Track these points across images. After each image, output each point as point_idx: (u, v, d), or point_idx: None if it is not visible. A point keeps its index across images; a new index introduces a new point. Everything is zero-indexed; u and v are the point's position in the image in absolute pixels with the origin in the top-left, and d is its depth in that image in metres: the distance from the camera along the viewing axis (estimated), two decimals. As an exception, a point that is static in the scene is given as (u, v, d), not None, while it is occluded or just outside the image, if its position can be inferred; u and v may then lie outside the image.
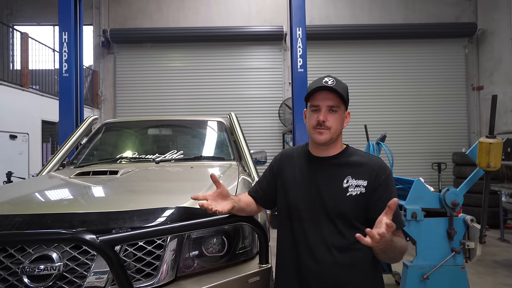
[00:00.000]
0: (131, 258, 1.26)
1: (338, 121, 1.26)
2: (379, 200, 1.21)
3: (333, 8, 8.98)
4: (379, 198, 1.21)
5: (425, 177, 7.62)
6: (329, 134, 1.25)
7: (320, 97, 1.26)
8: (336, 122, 1.26)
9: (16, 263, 1.20)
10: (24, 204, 1.55)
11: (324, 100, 1.25)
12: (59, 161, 2.66)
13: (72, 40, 4.37)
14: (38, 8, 9.09)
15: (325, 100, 1.25)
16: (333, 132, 1.26)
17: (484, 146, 2.23)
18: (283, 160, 1.43)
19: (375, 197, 1.22)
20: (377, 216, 1.18)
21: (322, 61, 8.75)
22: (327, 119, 1.24)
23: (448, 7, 8.93)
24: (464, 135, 8.90)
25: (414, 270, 2.35)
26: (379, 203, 1.20)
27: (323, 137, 1.25)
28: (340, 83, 1.27)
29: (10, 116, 6.22)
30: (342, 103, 1.26)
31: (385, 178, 1.24)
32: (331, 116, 1.25)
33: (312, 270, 1.24)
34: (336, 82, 1.25)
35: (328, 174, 1.28)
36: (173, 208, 1.39)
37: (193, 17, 8.96)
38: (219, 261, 1.41)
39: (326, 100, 1.25)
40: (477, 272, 3.98)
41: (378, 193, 1.22)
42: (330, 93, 1.24)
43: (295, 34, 4.29)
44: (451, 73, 8.90)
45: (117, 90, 9.05)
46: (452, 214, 2.37)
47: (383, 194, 1.21)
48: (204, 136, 3.14)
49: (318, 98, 1.26)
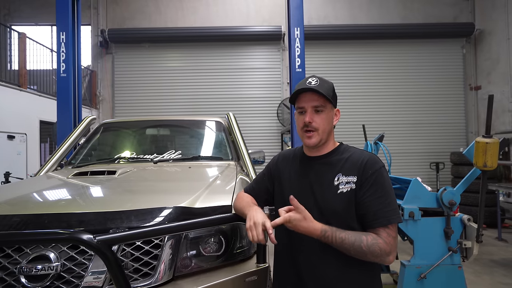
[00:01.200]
0: (128, 258, 1.26)
1: (325, 121, 1.27)
2: (364, 195, 1.19)
3: (331, 8, 8.99)
4: (364, 194, 1.19)
5: (423, 177, 7.64)
6: (318, 136, 1.26)
7: (305, 99, 1.27)
8: (323, 122, 1.26)
9: (13, 263, 1.21)
10: (22, 204, 1.55)
11: (308, 101, 1.26)
12: (57, 161, 2.66)
13: (70, 40, 4.37)
14: (36, 8, 9.07)
15: (309, 101, 1.26)
16: (321, 133, 1.26)
17: (481, 145, 2.24)
18: (280, 162, 1.45)
19: (361, 192, 1.20)
20: (363, 212, 1.18)
21: (320, 61, 8.76)
22: (313, 119, 1.25)
23: (446, 7, 8.96)
24: (462, 135, 8.92)
25: (412, 269, 2.36)
26: (364, 198, 1.19)
27: (312, 140, 1.26)
28: (324, 82, 1.27)
29: (8, 116, 6.21)
30: (327, 102, 1.27)
31: (372, 172, 1.20)
32: (317, 117, 1.26)
33: (307, 270, 1.25)
34: (320, 82, 1.26)
35: (320, 173, 1.29)
36: (170, 208, 1.39)
37: (192, 17, 8.96)
38: (217, 260, 1.42)
39: (310, 101, 1.26)
40: (474, 271, 4.00)
41: (364, 187, 1.20)
42: (314, 94, 1.25)
43: (293, 34, 4.30)
44: (449, 73, 8.93)
45: (115, 90, 9.04)
46: (449, 214, 2.38)
47: (369, 189, 1.19)
48: (202, 136, 3.14)
49: (303, 100, 1.28)
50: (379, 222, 1.16)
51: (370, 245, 1.12)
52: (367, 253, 1.12)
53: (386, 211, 1.17)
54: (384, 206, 1.17)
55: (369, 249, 1.11)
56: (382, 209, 1.17)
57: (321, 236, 1.12)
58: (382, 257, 1.13)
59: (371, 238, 1.13)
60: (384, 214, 1.16)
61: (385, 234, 1.15)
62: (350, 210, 1.21)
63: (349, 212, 1.21)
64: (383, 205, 1.17)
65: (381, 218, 1.16)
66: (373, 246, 1.12)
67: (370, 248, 1.11)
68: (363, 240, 1.12)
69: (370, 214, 1.18)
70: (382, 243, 1.13)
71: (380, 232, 1.15)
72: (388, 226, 1.16)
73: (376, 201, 1.18)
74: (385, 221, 1.16)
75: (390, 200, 1.19)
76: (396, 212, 1.18)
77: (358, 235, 1.13)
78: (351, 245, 1.11)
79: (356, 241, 1.12)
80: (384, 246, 1.13)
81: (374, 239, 1.13)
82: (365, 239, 1.12)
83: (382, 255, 1.12)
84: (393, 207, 1.19)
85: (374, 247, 1.12)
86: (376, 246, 1.12)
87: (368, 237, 1.13)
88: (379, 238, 1.13)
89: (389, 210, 1.17)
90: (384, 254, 1.13)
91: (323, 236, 1.12)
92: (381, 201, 1.18)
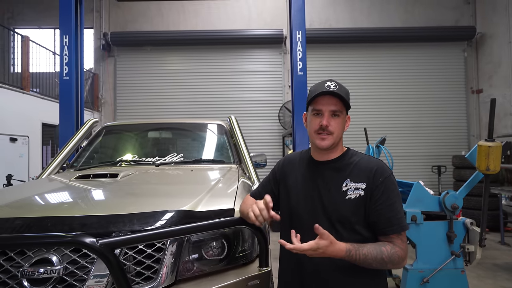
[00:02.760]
0: (131, 261, 1.26)
1: (340, 125, 1.27)
2: (376, 203, 1.20)
3: (332, 12, 9.02)
4: (376, 201, 1.20)
5: (425, 180, 7.60)
6: (332, 139, 1.26)
7: (323, 102, 1.25)
8: (338, 127, 1.26)
9: (16, 266, 1.20)
10: (24, 207, 1.55)
11: (327, 105, 1.25)
12: (59, 164, 2.66)
13: (73, 43, 4.39)
14: (39, 12, 9.13)
15: (328, 104, 1.25)
16: (335, 137, 1.26)
17: (483, 149, 2.23)
18: (286, 166, 1.44)
19: (373, 199, 1.20)
20: (375, 219, 1.18)
21: (321, 64, 8.78)
22: (330, 123, 1.25)
23: (447, 11, 8.97)
24: (463, 138, 8.91)
25: (414, 273, 2.35)
26: (376, 206, 1.19)
27: (325, 142, 1.26)
28: (342, 87, 1.27)
29: (10, 119, 6.23)
30: (344, 108, 1.27)
31: (382, 180, 1.21)
32: (333, 121, 1.25)
33: (312, 274, 1.24)
34: (339, 87, 1.25)
35: (328, 178, 1.28)
36: (173, 211, 1.39)
37: (193, 20, 9.00)
38: (219, 264, 1.41)
39: (329, 104, 1.25)
40: (477, 276, 3.97)
41: (375, 195, 1.20)
42: (333, 98, 1.24)
43: (294, 37, 4.31)
44: (451, 76, 8.93)
45: (117, 93, 9.07)
46: (451, 217, 2.38)
47: (381, 197, 1.20)
48: (204, 139, 3.14)
49: (321, 103, 1.26)
50: (394, 229, 1.17)
51: (391, 255, 1.14)
52: (388, 263, 1.14)
53: (398, 218, 1.19)
54: (396, 213, 1.19)
55: (389, 259, 1.14)
56: (395, 216, 1.18)
57: (345, 256, 1.12)
58: (399, 264, 1.16)
59: (389, 247, 1.15)
60: (397, 221, 1.18)
61: (399, 241, 1.17)
62: (357, 216, 1.21)
63: (356, 218, 1.21)
64: (395, 212, 1.19)
65: (395, 225, 1.17)
66: (393, 255, 1.14)
67: (390, 258, 1.14)
68: (384, 251, 1.14)
69: (383, 221, 1.19)
70: (399, 250, 1.15)
71: (394, 239, 1.17)
72: (401, 232, 1.18)
73: (388, 208, 1.19)
74: (399, 228, 1.18)
75: (399, 207, 1.22)
76: (404, 219, 1.21)
77: (378, 248, 1.14)
78: (374, 259, 1.13)
79: (378, 254, 1.13)
80: (402, 254, 1.16)
81: (393, 249, 1.15)
82: (385, 250, 1.14)
83: (399, 262, 1.15)
84: (402, 213, 1.21)
85: (394, 257, 1.14)
86: (396, 255, 1.14)
87: (387, 248, 1.15)
88: (396, 247, 1.16)
89: (401, 217, 1.20)
90: (401, 261, 1.16)
91: (347, 255, 1.12)
92: (393, 208, 1.19)
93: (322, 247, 1.08)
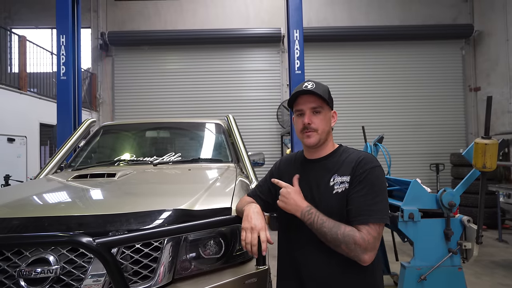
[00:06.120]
0: (128, 261, 1.26)
1: (323, 121, 1.30)
2: (350, 192, 1.20)
3: (330, 10, 9.02)
4: (351, 190, 1.20)
5: (423, 178, 7.62)
6: (317, 136, 1.29)
7: (302, 101, 1.31)
8: (322, 123, 1.29)
9: (12, 266, 1.20)
10: (21, 207, 1.55)
11: (306, 103, 1.30)
12: (57, 164, 2.66)
13: (70, 43, 4.38)
14: (36, 11, 9.10)
15: (307, 103, 1.30)
16: (320, 133, 1.29)
17: (480, 147, 2.24)
18: (282, 166, 1.48)
19: (351, 188, 1.21)
20: (349, 207, 1.19)
21: (319, 63, 8.78)
22: (312, 121, 1.29)
23: (444, 9, 8.99)
24: (461, 136, 8.93)
25: (412, 271, 2.35)
26: (351, 194, 1.20)
27: (312, 139, 1.29)
28: (320, 85, 1.31)
29: (8, 119, 6.22)
30: (324, 104, 1.30)
31: (363, 171, 1.21)
32: (315, 118, 1.29)
33: (308, 271, 1.25)
34: (316, 85, 1.30)
35: (319, 175, 1.30)
36: (170, 210, 1.39)
37: (191, 19, 8.98)
38: (216, 263, 1.41)
39: (308, 103, 1.30)
40: (475, 273, 3.99)
41: (353, 184, 1.21)
42: (311, 96, 1.29)
43: (292, 36, 4.31)
44: (448, 74, 8.95)
45: (115, 92, 9.05)
46: (449, 215, 2.38)
47: (357, 186, 1.20)
48: (202, 138, 3.14)
49: (301, 102, 1.32)
50: (359, 219, 1.15)
51: (346, 235, 1.12)
52: (342, 242, 1.12)
53: (368, 210, 1.16)
54: (368, 204, 1.17)
55: (344, 238, 1.11)
56: (365, 207, 1.16)
57: (305, 211, 1.17)
58: (356, 252, 1.12)
59: (349, 229, 1.14)
60: (365, 212, 1.16)
61: (365, 231, 1.13)
62: (345, 210, 1.21)
63: (344, 212, 1.21)
64: (367, 204, 1.17)
65: (362, 215, 1.16)
66: (348, 237, 1.12)
67: (345, 238, 1.11)
68: (341, 228, 1.13)
69: (353, 210, 1.18)
70: (358, 237, 1.12)
71: (360, 228, 1.14)
72: (368, 224, 1.14)
73: (361, 198, 1.18)
74: (365, 219, 1.15)
75: (378, 199, 1.18)
76: (381, 212, 1.16)
77: (338, 223, 1.15)
78: (329, 230, 1.13)
79: (334, 227, 1.13)
80: (360, 241, 1.11)
81: (352, 231, 1.13)
82: (343, 228, 1.13)
83: (355, 249, 1.11)
84: (379, 207, 1.17)
85: (349, 239, 1.11)
86: (351, 238, 1.11)
87: (347, 228, 1.14)
88: (357, 232, 1.13)
89: (373, 209, 1.16)
90: (359, 250, 1.11)
91: (307, 212, 1.17)
92: (366, 198, 1.17)
93: (286, 194, 1.23)
